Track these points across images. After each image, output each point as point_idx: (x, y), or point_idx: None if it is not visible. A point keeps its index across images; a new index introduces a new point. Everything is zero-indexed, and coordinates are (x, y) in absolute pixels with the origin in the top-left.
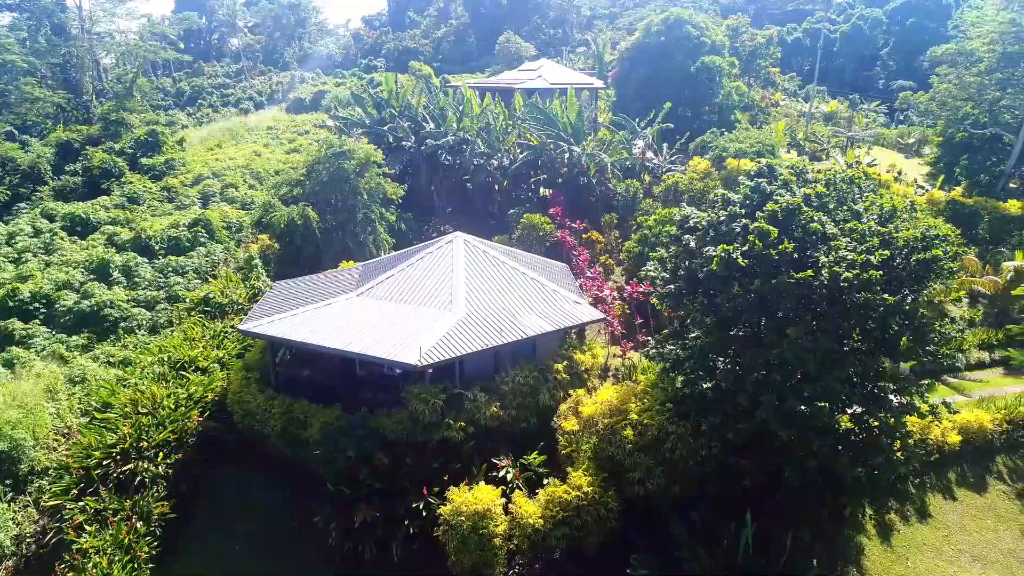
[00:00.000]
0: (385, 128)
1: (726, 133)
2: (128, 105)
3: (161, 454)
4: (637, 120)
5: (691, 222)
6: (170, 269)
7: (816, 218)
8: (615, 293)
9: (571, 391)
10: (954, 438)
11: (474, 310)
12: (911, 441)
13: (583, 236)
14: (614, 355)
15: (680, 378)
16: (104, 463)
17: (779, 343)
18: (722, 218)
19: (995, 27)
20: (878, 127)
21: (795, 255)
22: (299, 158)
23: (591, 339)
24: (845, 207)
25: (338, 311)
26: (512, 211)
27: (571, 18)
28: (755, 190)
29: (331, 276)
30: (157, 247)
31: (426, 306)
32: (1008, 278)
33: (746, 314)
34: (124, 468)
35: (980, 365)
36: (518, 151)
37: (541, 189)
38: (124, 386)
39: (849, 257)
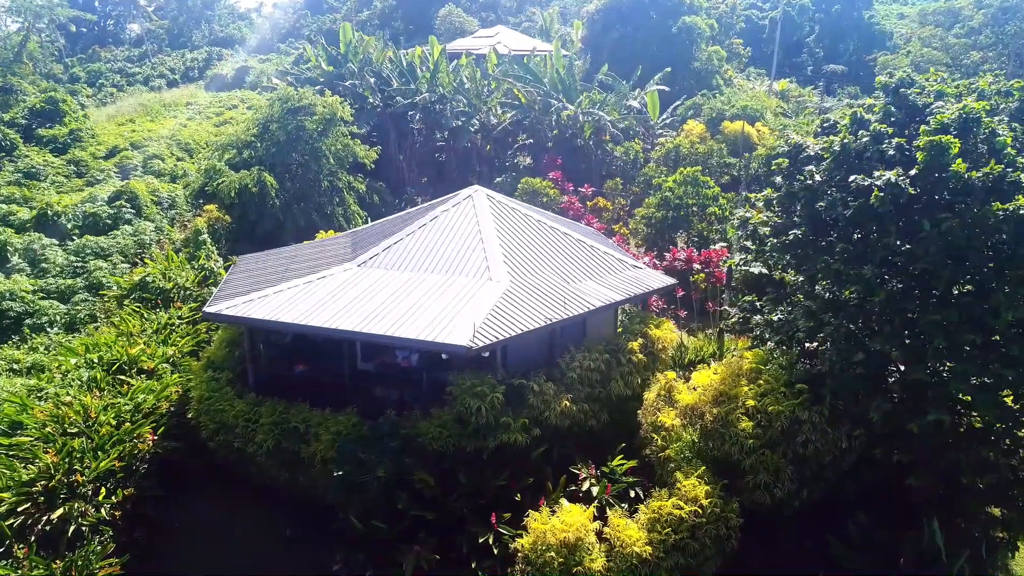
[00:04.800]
0: (346, 84)
1: (717, 95)
2: (17, 71)
3: (104, 489)
4: (625, 82)
5: (810, 150)
6: (88, 251)
7: (1002, 131)
8: (654, 261)
9: (650, 376)
10: None
11: (519, 278)
12: None
13: (588, 203)
14: None
15: (792, 351)
16: (20, 509)
17: (968, 297)
18: (864, 139)
19: None
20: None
21: (992, 178)
22: (231, 130)
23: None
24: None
25: (339, 285)
26: (499, 179)
27: (503, 1)
28: (900, 105)
29: (314, 247)
30: (69, 226)
31: (456, 275)
32: None
33: (921, 262)
34: (51, 515)
35: None
36: (501, 111)
37: (519, 157)
38: (40, 398)
39: None
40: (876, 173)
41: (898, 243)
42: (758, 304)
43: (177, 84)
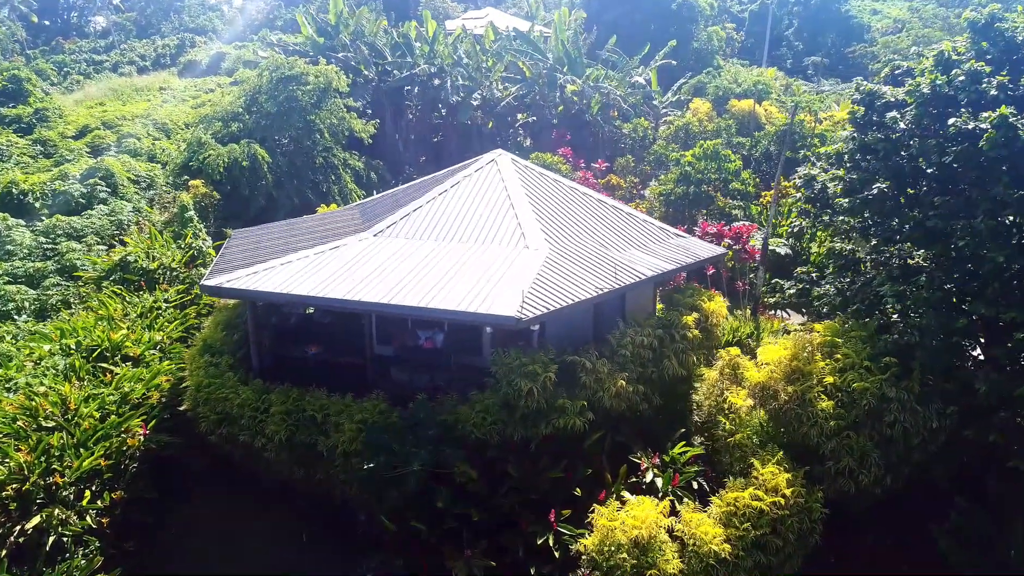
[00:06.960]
0: (338, 56)
1: (723, 74)
2: None
3: (88, 493)
4: (630, 57)
5: (888, 96)
6: (60, 232)
7: None
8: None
9: (702, 355)
10: None
11: (559, 246)
12: None
13: (600, 181)
14: None
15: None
16: None
17: None
18: (957, 79)
19: None
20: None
21: None
22: (214, 106)
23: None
24: None
25: (355, 256)
26: None
27: None
28: (994, 42)
29: (317, 219)
30: (38, 205)
31: (487, 243)
32: None
33: None
34: (26, 524)
35: None
36: (503, 86)
37: (521, 136)
38: (9, 389)
39: None
40: (983, 115)
41: (1011, 192)
42: (815, 276)
43: (148, 71)
